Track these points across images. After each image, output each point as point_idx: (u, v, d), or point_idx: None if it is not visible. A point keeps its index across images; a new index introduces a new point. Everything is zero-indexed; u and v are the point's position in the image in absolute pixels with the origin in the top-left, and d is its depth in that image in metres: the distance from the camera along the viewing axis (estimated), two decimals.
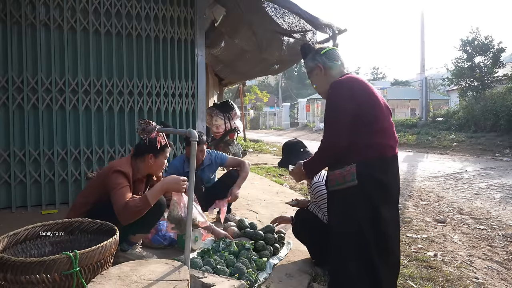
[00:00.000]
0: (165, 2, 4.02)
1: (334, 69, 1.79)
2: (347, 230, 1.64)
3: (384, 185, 1.63)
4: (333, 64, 1.79)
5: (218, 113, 5.88)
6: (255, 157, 9.36)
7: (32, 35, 3.51)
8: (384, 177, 1.62)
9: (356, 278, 1.61)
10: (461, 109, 13.13)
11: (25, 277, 1.38)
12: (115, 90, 3.82)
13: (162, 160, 2.30)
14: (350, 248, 1.64)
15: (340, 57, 1.82)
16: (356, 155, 1.61)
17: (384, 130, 1.66)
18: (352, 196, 1.61)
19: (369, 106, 1.65)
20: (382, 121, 1.66)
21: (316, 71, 1.83)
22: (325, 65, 1.80)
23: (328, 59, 1.80)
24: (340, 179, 1.64)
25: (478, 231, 3.45)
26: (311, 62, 1.85)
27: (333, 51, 1.83)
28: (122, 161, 2.21)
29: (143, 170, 2.30)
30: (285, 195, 4.46)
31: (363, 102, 1.64)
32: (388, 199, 1.67)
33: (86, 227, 1.90)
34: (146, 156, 2.23)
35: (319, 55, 1.82)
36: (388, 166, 1.66)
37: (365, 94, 1.67)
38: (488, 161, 7.41)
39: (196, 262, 2.06)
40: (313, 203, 2.39)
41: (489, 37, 13.56)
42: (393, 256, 1.72)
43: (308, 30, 4.43)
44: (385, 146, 1.64)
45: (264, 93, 24.34)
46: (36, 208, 3.53)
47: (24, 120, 3.49)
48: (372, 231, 1.60)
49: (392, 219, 1.71)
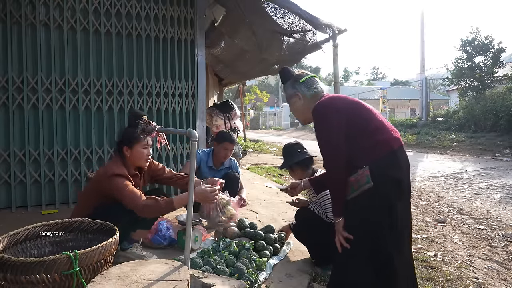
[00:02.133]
0: (165, 2, 4.02)
1: (313, 97, 1.84)
2: (362, 235, 1.61)
3: (398, 182, 1.62)
4: (312, 92, 1.85)
5: (218, 113, 5.87)
6: (255, 157, 9.36)
7: (32, 35, 3.51)
8: (397, 173, 1.61)
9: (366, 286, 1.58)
10: (461, 109, 13.13)
11: (25, 277, 1.38)
12: (115, 90, 3.82)
13: (139, 150, 2.22)
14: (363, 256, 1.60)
15: (318, 83, 1.88)
16: (366, 157, 1.61)
17: (380, 126, 1.67)
18: (368, 199, 1.59)
19: (356, 111, 1.70)
20: (374, 120, 1.69)
21: (294, 98, 1.89)
22: (304, 94, 1.86)
23: (307, 87, 1.86)
24: (355, 184, 1.62)
25: (478, 231, 3.46)
26: (290, 90, 1.91)
27: (312, 79, 1.89)
28: (113, 164, 2.17)
29: (129, 164, 2.24)
30: (285, 195, 4.44)
31: (349, 109, 1.69)
32: (402, 196, 1.66)
33: (86, 227, 1.90)
34: (123, 150, 2.21)
35: (298, 84, 1.88)
36: (399, 159, 1.65)
37: (348, 102, 1.73)
38: (488, 161, 7.41)
39: (196, 262, 2.06)
40: (314, 202, 2.39)
41: (489, 37, 13.57)
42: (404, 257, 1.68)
43: (308, 30, 4.43)
44: (390, 140, 1.64)
45: (264, 93, 24.33)
46: (36, 208, 3.53)
47: (24, 120, 3.49)
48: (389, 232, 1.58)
49: (406, 217, 1.70)
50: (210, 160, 3.25)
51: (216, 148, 3.24)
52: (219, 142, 3.21)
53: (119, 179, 2.05)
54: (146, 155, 2.26)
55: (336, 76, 4.10)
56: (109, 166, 2.16)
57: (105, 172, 2.09)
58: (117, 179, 2.04)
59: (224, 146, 3.17)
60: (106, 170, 2.11)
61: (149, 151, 2.28)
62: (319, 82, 1.89)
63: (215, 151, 3.25)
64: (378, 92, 24.89)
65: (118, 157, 2.23)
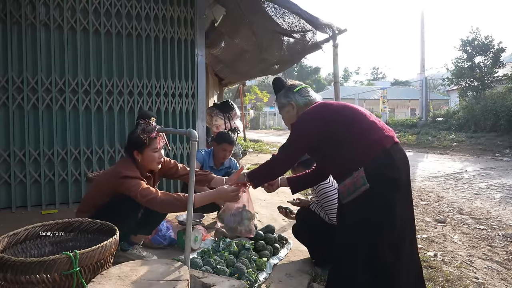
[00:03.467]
0: (165, 2, 4.02)
1: (306, 105, 1.86)
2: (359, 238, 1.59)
3: (395, 181, 1.59)
4: (306, 100, 1.88)
5: (218, 113, 5.88)
6: (255, 157, 9.36)
7: (32, 35, 3.51)
8: (393, 172, 1.58)
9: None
10: (461, 109, 13.14)
11: (25, 277, 1.38)
12: (115, 90, 3.82)
13: (150, 153, 2.17)
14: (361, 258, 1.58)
15: (310, 92, 1.92)
16: (360, 159, 1.59)
17: (371, 127, 1.65)
18: (365, 201, 1.57)
19: (341, 114, 1.71)
20: (362, 121, 1.68)
21: (287, 108, 1.91)
22: (297, 103, 1.88)
23: (301, 96, 1.89)
24: (351, 187, 1.60)
25: (478, 231, 3.46)
26: (283, 99, 1.93)
27: (305, 89, 1.92)
28: (124, 166, 2.12)
29: (141, 167, 2.22)
30: (285, 195, 4.46)
31: (332, 112, 1.73)
32: (400, 195, 1.63)
33: (86, 227, 1.90)
34: (133, 154, 2.18)
35: (292, 93, 1.90)
36: (393, 157, 1.61)
37: (332, 110, 1.75)
38: (488, 161, 7.41)
39: (196, 262, 2.06)
40: (315, 203, 2.39)
41: (489, 37, 13.58)
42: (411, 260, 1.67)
43: (308, 30, 4.43)
44: (381, 139, 1.62)
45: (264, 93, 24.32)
46: (36, 208, 3.53)
47: (24, 120, 3.49)
48: (389, 233, 1.57)
49: (407, 217, 1.67)
50: (211, 161, 3.30)
51: (215, 149, 3.28)
52: (218, 143, 3.24)
53: (132, 180, 2.00)
54: (158, 157, 2.21)
55: (336, 76, 4.10)
56: (121, 167, 2.11)
57: (117, 174, 2.04)
58: (130, 180, 2.00)
59: (223, 147, 3.20)
60: (118, 171, 2.06)
61: (161, 153, 2.23)
62: (311, 91, 1.94)
63: (215, 152, 3.29)
64: (378, 92, 24.91)
65: (129, 160, 2.19)
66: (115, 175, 2.05)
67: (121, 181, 2.01)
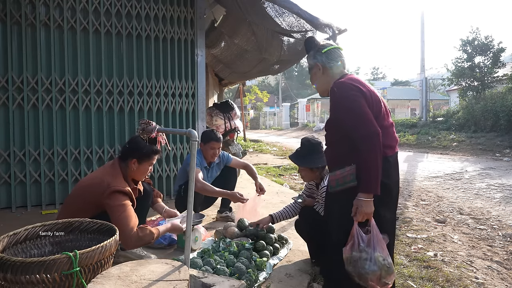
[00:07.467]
0: (165, 2, 4.02)
1: (334, 69, 1.76)
2: (345, 229, 1.62)
3: (384, 186, 1.59)
4: (333, 64, 1.76)
5: (218, 113, 5.87)
6: (255, 157, 9.36)
7: (32, 35, 3.51)
8: (384, 179, 1.58)
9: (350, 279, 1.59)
10: (461, 109, 13.12)
11: (25, 277, 1.38)
12: (115, 90, 3.82)
13: (146, 167, 2.17)
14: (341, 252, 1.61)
15: (341, 57, 1.78)
16: (356, 155, 1.59)
17: (383, 129, 1.61)
18: (351, 196, 1.58)
19: (371, 104, 1.62)
20: (382, 120, 1.65)
21: (315, 69, 1.82)
22: (324, 65, 1.77)
23: (329, 58, 1.76)
24: (341, 179, 1.63)
25: (478, 231, 3.46)
26: (311, 60, 1.82)
27: (335, 50, 1.78)
28: (115, 177, 2.05)
29: (128, 177, 2.15)
30: (285, 195, 4.46)
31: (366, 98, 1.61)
32: (388, 201, 1.66)
33: (86, 227, 1.90)
34: (129, 161, 2.13)
35: (319, 54, 1.79)
36: (390, 166, 1.64)
37: (367, 91, 1.64)
38: (488, 161, 7.41)
39: (196, 262, 2.06)
40: (320, 204, 2.39)
41: (489, 37, 13.56)
42: None
43: (308, 30, 4.43)
44: (385, 147, 1.60)
45: (264, 93, 24.35)
46: (36, 208, 3.53)
47: (24, 120, 3.49)
48: None
49: (390, 220, 1.71)
50: (203, 161, 3.19)
51: (203, 148, 3.15)
52: (205, 142, 3.11)
53: (119, 196, 1.95)
54: (149, 171, 2.26)
55: None
56: (110, 177, 2.03)
57: (106, 185, 1.96)
58: (117, 195, 1.94)
59: (210, 145, 3.09)
60: (108, 183, 1.98)
61: (151, 168, 2.29)
62: (343, 55, 1.78)
63: (203, 152, 3.16)
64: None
65: (118, 168, 2.12)
66: (105, 187, 1.96)
67: (109, 196, 1.93)
